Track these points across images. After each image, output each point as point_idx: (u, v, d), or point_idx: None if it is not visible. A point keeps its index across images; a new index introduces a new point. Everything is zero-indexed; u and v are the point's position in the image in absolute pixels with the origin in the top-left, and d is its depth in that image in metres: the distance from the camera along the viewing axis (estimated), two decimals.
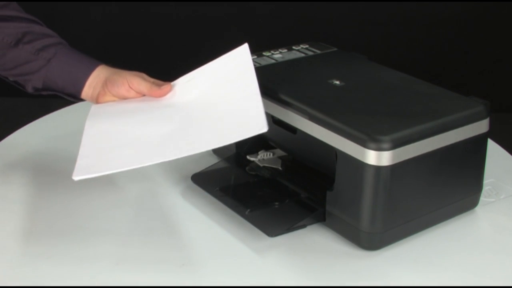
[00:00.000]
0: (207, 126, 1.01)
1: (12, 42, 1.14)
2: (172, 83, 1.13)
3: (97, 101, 1.14)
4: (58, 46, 1.16)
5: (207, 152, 1.23)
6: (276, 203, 1.06)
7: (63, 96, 1.17)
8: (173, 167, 1.19)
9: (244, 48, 1.09)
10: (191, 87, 1.10)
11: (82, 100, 1.17)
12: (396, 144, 0.93)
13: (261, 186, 1.11)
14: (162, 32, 2.88)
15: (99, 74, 1.14)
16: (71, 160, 0.97)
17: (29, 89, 1.17)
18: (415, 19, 2.84)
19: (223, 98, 1.05)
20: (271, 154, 1.18)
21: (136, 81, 1.11)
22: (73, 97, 1.17)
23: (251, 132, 0.93)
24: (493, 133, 1.08)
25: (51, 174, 1.17)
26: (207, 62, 1.12)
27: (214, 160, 1.19)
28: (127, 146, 0.99)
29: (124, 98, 1.12)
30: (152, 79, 1.13)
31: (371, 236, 0.97)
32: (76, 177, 0.91)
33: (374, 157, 0.93)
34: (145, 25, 2.90)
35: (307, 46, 1.26)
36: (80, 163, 0.94)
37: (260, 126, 0.92)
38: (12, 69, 1.16)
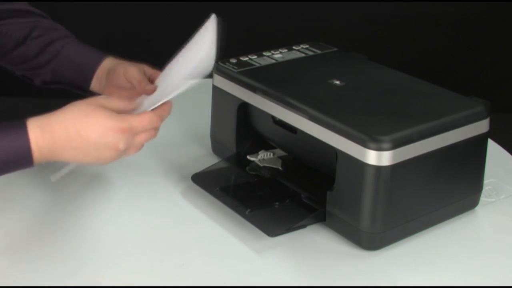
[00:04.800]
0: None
1: (20, 38, 1.15)
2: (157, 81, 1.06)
3: (103, 93, 1.13)
4: (65, 39, 1.16)
5: (207, 152, 1.23)
6: (276, 203, 1.06)
7: (72, 89, 1.17)
8: (173, 167, 1.19)
9: (210, 21, 1.01)
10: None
11: (91, 92, 1.16)
12: (396, 144, 0.93)
13: (261, 186, 1.11)
14: (161, 32, 2.88)
15: (105, 66, 1.13)
16: None
17: (38, 82, 1.17)
18: (415, 19, 2.84)
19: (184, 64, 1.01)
20: (271, 154, 1.18)
21: (131, 73, 1.08)
22: (83, 90, 1.16)
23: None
24: (493, 133, 1.08)
25: (51, 174, 1.17)
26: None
27: (214, 160, 1.19)
28: None
29: (124, 89, 1.10)
30: (150, 71, 1.09)
31: (371, 236, 0.97)
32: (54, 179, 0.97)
33: (374, 157, 0.93)
34: (145, 25, 2.90)
35: (307, 46, 1.26)
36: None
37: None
38: (20, 64, 1.17)
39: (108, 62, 1.14)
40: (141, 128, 0.92)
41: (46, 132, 0.87)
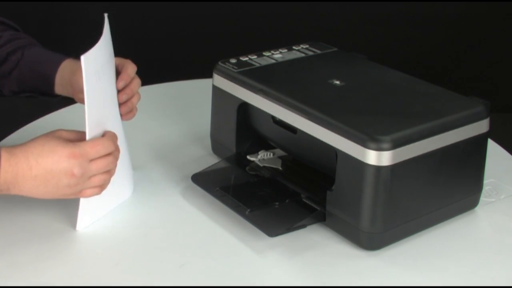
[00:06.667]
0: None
1: None
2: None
3: (76, 98, 1.13)
4: (26, 47, 1.16)
5: (207, 152, 1.23)
6: (276, 203, 1.06)
7: (39, 96, 1.18)
8: (173, 167, 1.19)
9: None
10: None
11: (59, 98, 1.17)
12: (396, 144, 0.93)
13: (261, 186, 1.11)
14: (161, 32, 2.88)
15: (64, 69, 1.13)
16: None
17: (6, 92, 1.18)
18: (415, 19, 2.84)
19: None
20: (271, 154, 1.18)
21: None
22: (49, 96, 1.16)
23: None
24: (493, 133, 1.08)
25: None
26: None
27: (214, 160, 1.19)
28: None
29: None
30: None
31: (371, 236, 0.97)
32: (80, 228, 1.02)
33: (374, 157, 0.93)
34: (145, 25, 2.90)
35: (307, 46, 1.26)
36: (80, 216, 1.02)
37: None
38: None
39: (68, 65, 1.13)
40: (95, 153, 0.94)
41: (12, 159, 0.91)
